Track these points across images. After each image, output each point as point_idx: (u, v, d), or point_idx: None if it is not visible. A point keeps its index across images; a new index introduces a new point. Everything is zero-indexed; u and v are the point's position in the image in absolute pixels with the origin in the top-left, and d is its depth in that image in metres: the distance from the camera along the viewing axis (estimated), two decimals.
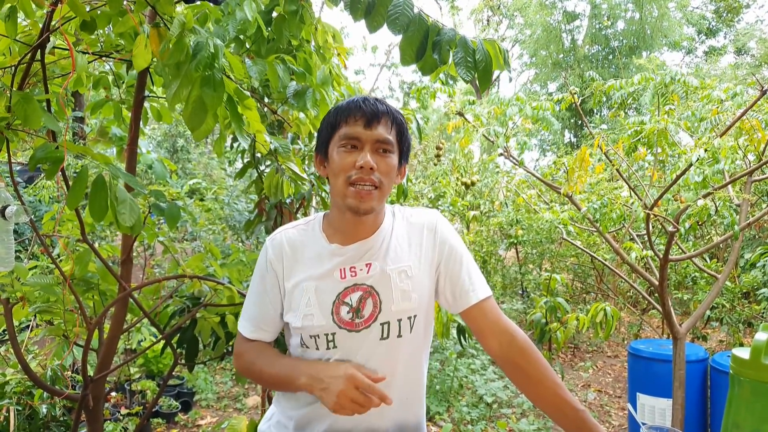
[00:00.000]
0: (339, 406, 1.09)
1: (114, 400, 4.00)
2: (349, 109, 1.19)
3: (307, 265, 1.25)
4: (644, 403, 3.73)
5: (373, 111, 1.18)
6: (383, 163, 1.18)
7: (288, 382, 1.20)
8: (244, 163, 2.48)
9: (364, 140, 1.17)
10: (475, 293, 1.26)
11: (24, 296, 1.76)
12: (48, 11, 1.42)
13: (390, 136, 1.19)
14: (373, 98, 1.22)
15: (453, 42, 1.43)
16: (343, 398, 1.08)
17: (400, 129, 1.23)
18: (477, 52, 1.43)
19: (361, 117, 1.17)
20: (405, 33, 1.38)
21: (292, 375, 1.18)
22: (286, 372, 1.21)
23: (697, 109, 3.59)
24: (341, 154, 1.18)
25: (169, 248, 2.21)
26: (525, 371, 1.20)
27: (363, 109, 1.18)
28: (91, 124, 5.15)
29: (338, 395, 1.09)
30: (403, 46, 1.41)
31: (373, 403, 1.09)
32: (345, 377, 1.10)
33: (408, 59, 1.44)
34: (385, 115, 1.19)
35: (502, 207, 6.30)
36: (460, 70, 1.42)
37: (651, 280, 3.43)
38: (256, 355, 1.29)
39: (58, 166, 1.31)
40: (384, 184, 1.19)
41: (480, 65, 1.43)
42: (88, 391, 1.75)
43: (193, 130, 1.35)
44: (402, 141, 1.24)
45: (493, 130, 3.61)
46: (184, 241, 7.22)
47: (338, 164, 1.18)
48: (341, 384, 1.10)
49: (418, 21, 1.40)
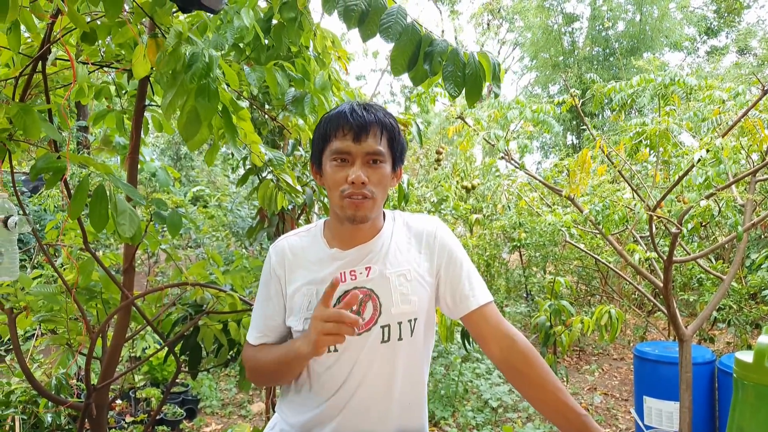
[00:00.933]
0: (317, 344, 1.09)
1: (119, 407, 4.00)
2: (338, 122, 1.20)
3: (308, 270, 1.27)
4: (651, 406, 3.70)
5: (361, 123, 1.18)
6: (375, 174, 1.19)
7: (288, 359, 1.20)
8: (246, 170, 2.48)
9: (354, 154, 1.18)
10: (475, 298, 1.26)
11: (28, 305, 1.77)
12: (49, 23, 1.43)
13: (380, 147, 1.20)
14: (361, 106, 1.21)
15: (445, 54, 1.42)
16: (315, 335, 1.09)
17: (391, 136, 1.23)
18: (467, 66, 1.42)
19: (350, 130, 1.18)
20: (397, 42, 1.38)
21: (290, 348, 1.19)
22: (283, 350, 1.22)
23: (699, 109, 3.58)
24: (333, 168, 1.20)
25: (171, 256, 2.21)
26: (527, 376, 1.20)
27: (351, 123, 1.18)
28: (95, 133, 5.18)
29: (312, 321, 1.10)
30: (394, 55, 1.41)
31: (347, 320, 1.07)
32: (312, 318, 1.11)
33: (399, 69, 1.43)
34: (374, 125, 1.19)
35: (505, 210, 6.29)
36: (449, 85, 1.42)
37: (655, 282, 3.42)
38: (258, 352, 1.30)
39: (60, 176, 1.32)
40: (376, 193, 1.20)
41: (469, 80, 1.42)
42: (91, 399, 1.75)
43: (187, 140, 1.36)
44: (394, 147, 1.24)
45: (494, 134, 3.61)
46: (188, 248, 7.25)
47: (331, 179, 1.20)
48: (312, 326, 1.10)
49: (411, 31, 1.40)
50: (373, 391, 1.22)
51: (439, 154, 5.88)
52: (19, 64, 1.58)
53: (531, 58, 17.78)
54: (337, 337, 1.08)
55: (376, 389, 1.23)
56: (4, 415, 2.46)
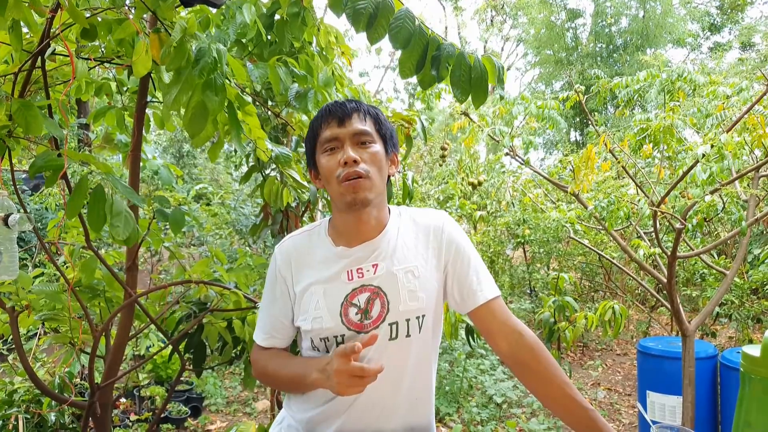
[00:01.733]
0: (342, 386, 1.08)
1: (123, 406, 4.00)
2: (322, 116, 1.24)
3: (315, 269, 1.26)
4: (654, 401, 3.69)
5: (343, 109, 1.22)
6: (366, 153, 1.20)
7: (300, 381, 1.20)
8: (249, 167, 2.47)
9: (342, 137, 1.20)
10: (483, 293, 1.25)
11: (29, 304, 1.76)
12: (48, 18, 1.42)
13: (366, 127, 1.22)
14: (342, 100, 1.26)
15: (452, 58, 1.43)
16: (340, 377, 1.07)
17: (376, 119, 1.25)
18: (473, 70, 1.44)
19: (333, 118, 1.21)
20: (406, 48, 1.40)
21: (305, 373, 1.18)
22: (297, 371, 1.22)
23: (703, 105, 3.56)
24: (326, 158, 1.22)
25: (175, 254, 2.20)
26: (535, 370, 1.19)
27: (333, 111, 1.22)
28: (97, 130, 5.16)
29: (336, 375, 1.08)
30: (402, 59, 1.42)
31: (370, 373, 1.07)
32: (335, 372, 1.09)
33: (407, 72, 1.44)
34: (356, 110, 1.23)
35: (509, 207, 6.27)
36: (456, 91, 1.45)
37: (659, 277, 3.40)
38: (269, 360, 1.31)
39: (59, 174, 1.31)
40: (372, 172, 1.20)
41: (475, 83, 1.44)
42: (95, 398, 1.74)
43: (192, 136, 1.35)
44: (381, 130, 1.26)
45: (499, 130, 3.60)
46: (192, 246, 7.24)
47: (326, 168, 1.21)
48: (334, 365, 1.09)
49: (419, 34, 1.41)
50: (381, 388, 1.21)
51: (444, 151, 5.85)
52: (18, 59, 1.56)
53: (534, 54, 17.74)
54: (362, 381, 1.07)
55: (384, 386, 1.21)
56: (7, 414, 2.45)
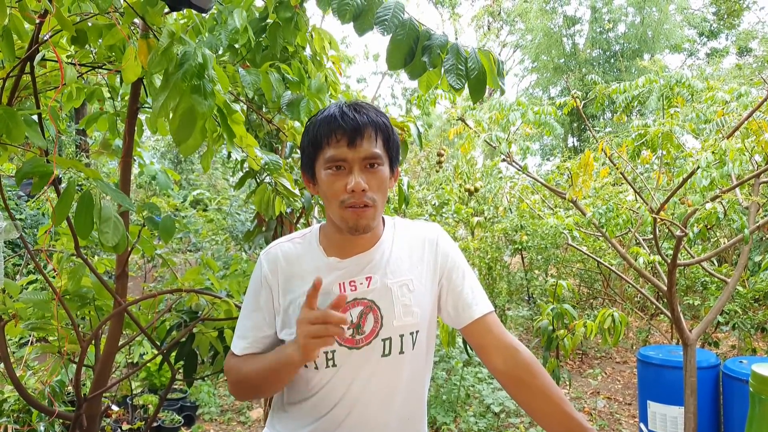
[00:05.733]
0: (306, 349, 1.03)
1: (116, 415, 3.95)
2: (329, 127, 1.11)
3: (305, 280, 1.19)
4: (655, 412, 3.65)
5: (354, 127, 1.10)
6: (374, 179, 1.12)
7: (279, 367, 1.13)
8: (243, 173, 2.44)
9: (350, 161, 1.11)
10: (478, 307, 1.22)
11: (16, 313, 1.72)
12: (37, 23, 1.39)
13: (377, 150, 1.12)
14: (351, 107, 1.14)
15: (444, 47, 1.37)
16: (303, 340, 1.03)
17: (386, 136, 1.16)
18: (469, 60, 1.37)
19: (343, 136, 1.10)
20: (394, 34, 1.33)
21: (281, 354, 1.12)
22: (273, 357, 1.15)
23: (701, 110, 3.54)
24: (329, 177, 1.12)
25: (166, 261, 2.16)
26: (531, 386, 1.15)
27: (343, 127, 1.10)
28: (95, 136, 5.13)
29: (298, 328, 1.04)
30: (390, 49, 1.35)
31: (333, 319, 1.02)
32: (297, 323, 1.05)
33: (396, 63, 1.38)
34: (368, 127, 1.12)
35: (507, 213, 6.25)
36: (450, 77, 1.35)
37: (659, 285, 3.37)
38: (244, 363, 1.21)
39: (47, 180, 1.28)
40: (377, 200, 1.13)
41: (472, 74, 1.36)
42: (81, 410, 1.70)
43: (179, 143, 1.31)
44: (389, 148, 1.17)
45: (495, 136, 3.57)
46: (188, 252, 7.21)
47: (329, 188, 1.13)
48: (298, 330, 1.05)
49: (409, 25, 1.35)
50: (373, 405, 1.17)
51: (441, 157, 5.83)
52: (8, 66, 1.54)
53: (532, 60, 17.78)
54: (326, 339, 1.02)
55: (376, 404, 1.18)
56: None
